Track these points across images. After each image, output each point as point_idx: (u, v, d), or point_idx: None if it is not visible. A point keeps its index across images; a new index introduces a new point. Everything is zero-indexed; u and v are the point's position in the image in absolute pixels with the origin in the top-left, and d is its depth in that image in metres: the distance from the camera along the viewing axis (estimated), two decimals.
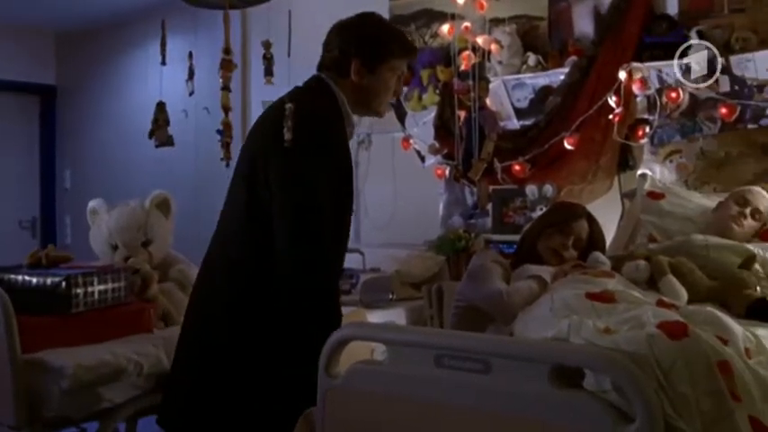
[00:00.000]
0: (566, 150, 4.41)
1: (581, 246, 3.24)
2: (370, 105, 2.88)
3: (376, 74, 2.80)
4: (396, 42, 2.86)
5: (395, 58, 2.84)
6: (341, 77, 2.78)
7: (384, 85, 2.84)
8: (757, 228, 3.47)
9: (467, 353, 2.00)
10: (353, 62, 2.76)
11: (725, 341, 2.37)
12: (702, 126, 4.16)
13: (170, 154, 6.38)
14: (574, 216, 3.28)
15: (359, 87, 2.79)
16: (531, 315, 2.69)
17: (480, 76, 4.54)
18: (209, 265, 2.91)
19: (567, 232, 3.22)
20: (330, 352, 2.27)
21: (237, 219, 2.78)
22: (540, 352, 1.90)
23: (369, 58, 2.78)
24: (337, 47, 2.80)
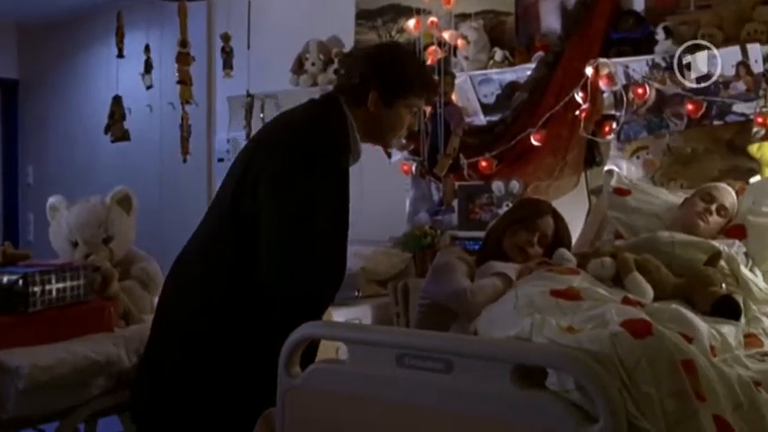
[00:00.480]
0: (532, 146, 4.37)
1: (546, 242, 3.21)
2: (381, 137, 2.90)
3: (393, 108, 2.78)
4: (418, 80, 2.84)
5: (414, 95, 2.83)
6: (356, 105, 2.76)
7: (399, 120, 2.83)
8: (723, 224, 3.44)
9: (428, 352, 1.97)
10: (372, 93, 2.74)
11: (690, 339, 2.36)
12: (669, 122, 4.14)
13: (135, 149, 6.39)
14: (539, 212, 3.25)
15: (373, 118, 2.78)
16: (496, 313, 2.66)
17: (446, 71, 4.50)
18: (185, 267, 2.87)
19: (533, 229, 3.19)
20: (290, 351, 2.23)
21: (222, 223, 2.74)
22: (501, 351, 1.87)
23: (388, 92, 2.76)
24: (358, 75, 2.78)
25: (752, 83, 3.88)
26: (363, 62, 2.83)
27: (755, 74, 3.87)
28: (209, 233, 2.81)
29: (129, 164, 6.72)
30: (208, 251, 2.78)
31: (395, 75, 2.79)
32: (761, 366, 2.44)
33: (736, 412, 1.97)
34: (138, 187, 6.24)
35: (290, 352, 2.23)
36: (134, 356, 3.25)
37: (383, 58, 2.86)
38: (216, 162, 6.31)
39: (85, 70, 7.39)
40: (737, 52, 3.89)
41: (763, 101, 3.85)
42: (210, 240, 2.79)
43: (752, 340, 2.76)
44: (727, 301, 2.81)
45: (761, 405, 2.06)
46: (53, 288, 3.25)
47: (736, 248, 3.26)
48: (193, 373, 2.73)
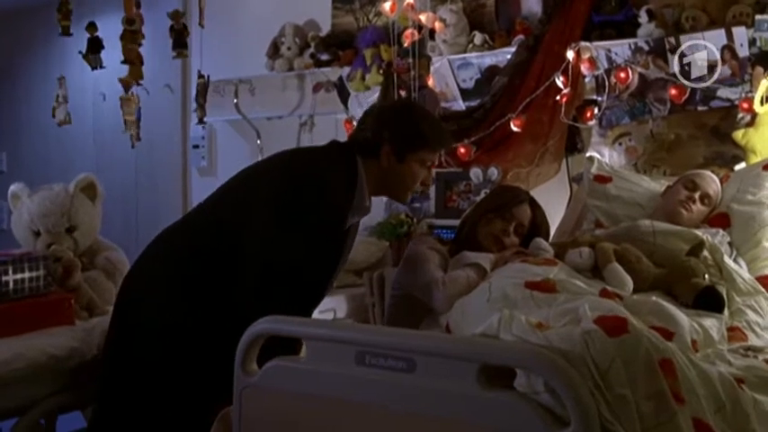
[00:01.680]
0: (512, 132, 4.26)
1: (523, 232, 3.09)
2: (394, 191, 2.93)
3: (405, 163, 2.81)
4: (431, 135, 2.86)
5: (427, 150, 2.85)
6: (368, 158, 2.79)
7: (411, 175, 2.85)
8: (706, 213, 3.36)
9: (389, 350, 1.85)
10: (384, 147, 2.78)
11: (670, 333, 2.26)
12: (652, 108, 4.04)
13: (109, 136, 6.32)
14: (516, 200, 3.13)
15: (385, 173, 2.81)
16: (468, 306, 2.54)
17: (420, 53, 4.36)
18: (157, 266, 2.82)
19: (509, 218, 3.07)
20: (246, 347, 2.12)
21: (203, 235, 2.73)
22: (466, 350, 1.75)
23: (400, 147, 2.79)
24: (371, 129, 2.82)
25: (737, 67, 3.79)
26: (377, 116, 2.87)
27: (741, 58, 3.77)
28: (187, 243, 2.77)
29: (104, 151, 6.61)
30: (184, 261, 2.73)
31: (408, 129, 2.81)
32: (744, 362, 2.33)
33: (718, 414, 1.85)
34: (113, 175, 6.34)
35: (247, 348, 2.11)
36: (96, 350, 3.13)
37: (396, 112, 2.91)
38: (191, 149, 6.15)
39: (56, 57, 7.20)
40: (722, 36, 3.80)
41: (748, 86, 3.75)
42: (187, 249, 2.75)
43: (735, 334, 2.66)
44: (709, 292, 2.70)
45: (744, 404, 1.95)
46: (10, 279, 3.13)
47: (719, 238, 3.17)
48: (159, 369, 2.67)
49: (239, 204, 2.71)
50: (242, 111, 5.40)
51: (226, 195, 2.82)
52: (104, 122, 6.49)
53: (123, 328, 2.80)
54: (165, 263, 2.79)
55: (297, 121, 5.49)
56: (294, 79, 5.35)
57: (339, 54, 5.13)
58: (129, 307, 2.80)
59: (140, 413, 2.69)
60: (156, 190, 6.44)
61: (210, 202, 2.85)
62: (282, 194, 2.64)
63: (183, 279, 2.71)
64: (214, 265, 2.67)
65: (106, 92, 6.40)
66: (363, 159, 2.79)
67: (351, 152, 2.81)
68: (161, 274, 2.77)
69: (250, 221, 2.63)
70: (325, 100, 5.16)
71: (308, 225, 2.59)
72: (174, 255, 2.78)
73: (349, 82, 4.98)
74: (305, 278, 2.64)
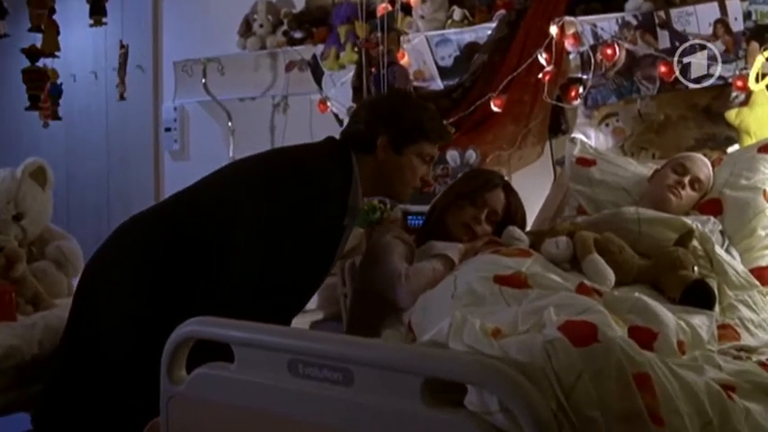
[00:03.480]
0: (492, 113, 4.04)
1: (496, 219, 2.86)
2: (392, 188, 2.74)
3: (403, 156, 2.64)
4: (430, 125, 2.70)
5: (427, 141, 2.68)
6: (363, 153, 2.61)
7: (410, 169, 2.67)
8: (697, 199, 3.15)
9: (324, 359, 1.60)
10: (380, 138, 2.60)
11: (654, 334, 2.06)
12: (640, 86, 3.84)
13: (81, 120, 6.26)
14: (488, 185, 2.89)
15: (381, 167, 2.64)
16: (431, 301, 2.34)
17: (390, 26, 4.12)
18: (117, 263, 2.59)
19: (481, 204, 2.84)
20: (172, 353, 1.88)
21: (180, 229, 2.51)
22: (409, 361, 1.50)
23: (398, 137, 2.62)
24: (365, 121, 2.66)
25: (731, 43, 3.59)
26: (371, 107, 2.73)
27: (735, 33, 3.57)
28: (159, 234, 2.55)
29: (75, 135, 6.44)
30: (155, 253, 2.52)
31: (406, 120, 2.65)
32: (736, 366, 2.09)
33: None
34: (84, 159, 6.20)
35: (173, 353, 1.87)
36: (37, 348, 2.91)
37: (393, 102, 2.77)
38: (163, 132, 5.94)
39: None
40: (715, 9, 3.59)
41: (743, 62, 3.54)
42: (160, 241, 2.53)
43: (727, 332, 2.45)
44: (699, 286, 2.48)
45: (734, 418, 1.70)
46: None
47: (710, 226, 2.95)
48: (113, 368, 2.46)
49: (226, 203, 2.50)
50: (211, 92, 5.22)
51: (210, 190, 2.61)
52: (74, 105, 6.27)
53: (81, 320, 2.57)
54: (133, 252, 2.57)
55: (270, 102, 5.29)
56: (267, 58, 5.17)
57: (313, 31, 4.93)
58: (89, 298, 2.57)
59: (89, 414, 2.48)
60: (128, 175, 6.28)
61: (191, 194, 2.64)
62: (275, 201, 2.44)
63: (153, 270, 2.49)
64: (188, 259, 2.46)
65: (77, 73, 6.31)
66: (357, 155, 2.60)
67: (344, 149, 2.62)
68: (128, 264, 2.54)
69: (237, 224, 2.43)
70: (298, 80, 4.99)
71: (301, 235, 2.42)
72: (144, 245, 2.56)
73: (323, 61, 4.78)
74: (293, 290, 2.47)
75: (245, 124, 5.30)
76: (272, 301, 2.39)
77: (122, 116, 6.10)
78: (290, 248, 2.39)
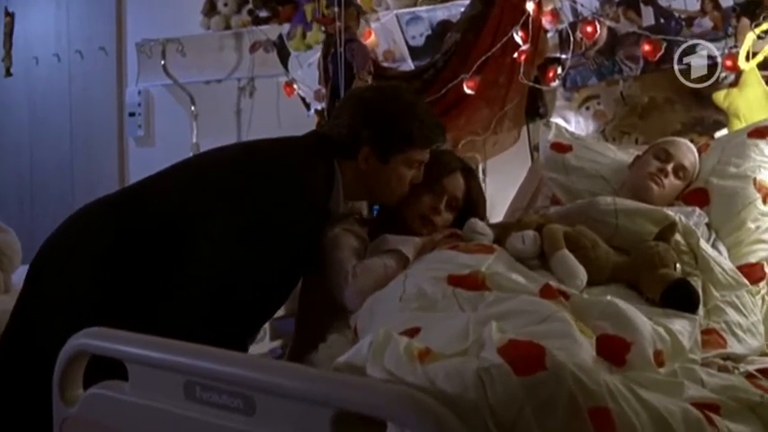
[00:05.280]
0: (465, 95, 3.88)
1: (457, 206, 2.61)
2: (377, 196, 2.57)
3: (390, 165, 2.43)
4: (419, 131, 2.44)
5: (414, 149, 2.44)
6: (346, 158, 2.40)
7: (397, 178, 2.46)
8: (681, 188, 2.93)
9: (224, 383, 1.34)
10: (363, 149, 2.39)
11: (627, 344, 1.81)
12: (622, 66, 3.69)
13: (44, 102, 6.11)
14: (446, 170, 2.63)
15: (365, 176, 2.43)
16: (378, 304, 2.10)
17: (348, 1, 3.87)
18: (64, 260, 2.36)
19: (439, 191, 2.57)
20: (63, 369, 1.61)
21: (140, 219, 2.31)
22: (317, 390, 1.23)
23: (383, 147, 2.40)
24: (347, 125, 2.41)
25: (719, 19, 3.44)
26: (353, 109, 2.46)
27: (724, 8, 3.41)
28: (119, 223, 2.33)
29: (39, 120, 6.24)
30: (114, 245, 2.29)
31: (390, 126, 2.41)
32: (721, 381, 1.84)
33: None
34: (48, 144, 6.00)
35: (64, 369, 1.61)
36: None
37: (378, 105, 2.46)
38: (127, 117, 5.70)
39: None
40: None
41: (732, 40, 3.39)
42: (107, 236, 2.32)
43: (712, 338, 2.23)
44: (680, 286, 2.23)
45: None
46: None
47: (696, 218, 2.72)
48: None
49: (193, 197, 2.30)
50: (172, 74, 4.98)
51: (175, 182, 2.39)
52: (38, 88, 6.17)
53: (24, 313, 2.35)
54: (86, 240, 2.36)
55: (236, 84, 5.05)
56: (231, 39, 4.96)
57: (279, 10, 4.69)
58: (36, 287, 2.36)
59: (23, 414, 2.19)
60: (92, 161, 6.07)
61: (152, 184, 2.43)
62: (251, 203, 2.24)
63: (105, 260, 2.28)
64: (143, 251, 2.25)
65: (39, 56, 6.14)
66: (340, 160, 2.39)
67: (327, 150, 2.39)
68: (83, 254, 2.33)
69: (206, 223, 2.22)
70: (264, 61, 4.78)
71: (277, 241, 2.23)
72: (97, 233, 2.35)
73: (289, 41, 4.55)
74: (265, 296, 2.29)
75: (211, 108, 5.07)
76: (241, 303, 2.20)
77: (86, 101, 5.91)
78: (261, 251, 2.19)
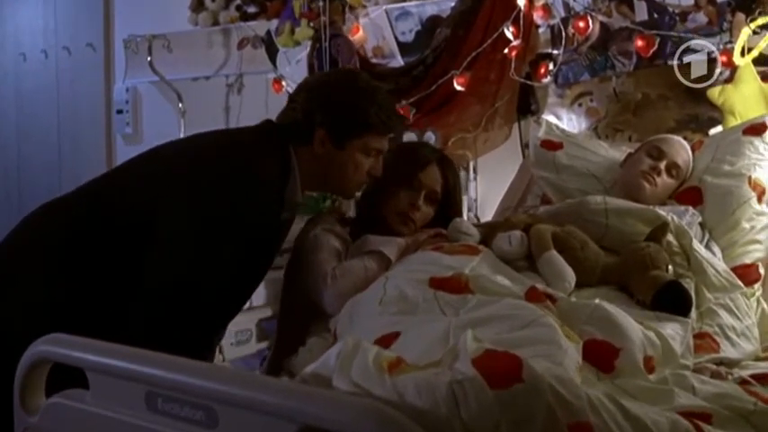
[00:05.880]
0: (455, 92, 3.84)
1: (436, 198, 2.54)
2: (333, 184, 2.45)
3: (345, 151, 2.33)
4: (376, 115, 2.34)
5: (371, 134, 2.35)
6: (301, 144, 2.30)
7: (353, 165, 2.36)
8: (674, 187, 2.86)
9: (185, 394, 1.26)
10: (318, 132, 2.29)
11: (616, 350, 1.76)
12: (615, 62, 3.62)
13: (32, 99, 6.04)
14: (420, 163, 2.57)
15: (320, 163, 2.33)
16: (358, 307, 2.04)
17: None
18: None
19: (416, 186, 2.50)
20: (24, 376, 1.53)
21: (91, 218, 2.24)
22: (279, 403, 1.15)
23: (338, 130, 2.30)
24: (302, 108, 2.32)
25: (714, 14, 3.38)
26: (309, 93, 2.37)
27: (719, 3, 3.35)
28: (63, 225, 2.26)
29: (27, 116, 6.15)
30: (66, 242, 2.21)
31: (346, 110, 2.33)
32: (713, 388, 1.76)
33: None
34: (36, 141, 5.96)
35: (25, 376, 1.54)
36: None
37: (334, 87, 2.39)
38: (115, 114, 5.61)
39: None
40: None
41: (727, 35, 3.33)
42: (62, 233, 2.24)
43: (704, 342, 2.17)
44: (672, 289, 2.17)
45: None
46: None
47: (689, 218, 2.66)
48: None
49: (144, 192, 2.20)
50: (158, 71, 4.89)
51: (126, 178, 2.31)
52: (26, 85, 6.10)
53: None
54: (42, 243, 2.26)
55: (224, 81, 4.97)
56: (219, 35, 4.87)
57: (267, 5, 4.60)
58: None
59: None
60: (79, 158, 6.00)
61: (105, 182, 2.36)
62: (203, 194, 2.13)
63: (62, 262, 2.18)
64: (98, 249, 2.17)
65: (27, 52, 6.06)
66: (295, 146, 2.29)
67: (282, 137, 2.30)
68: (37, 255, 2.23)
69: (158, 218, 2.12)
70: (253, 57, 4.69)
71: (233, 232, 2.11)
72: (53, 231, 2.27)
73: (277, 37, 4.45)
74: (226, 290, 2.17)
75: (199, 105, 4.98)
76: (203, 302, 2.10)
77: (74, 97, 5.82)
78: (220, 246, 2.10)
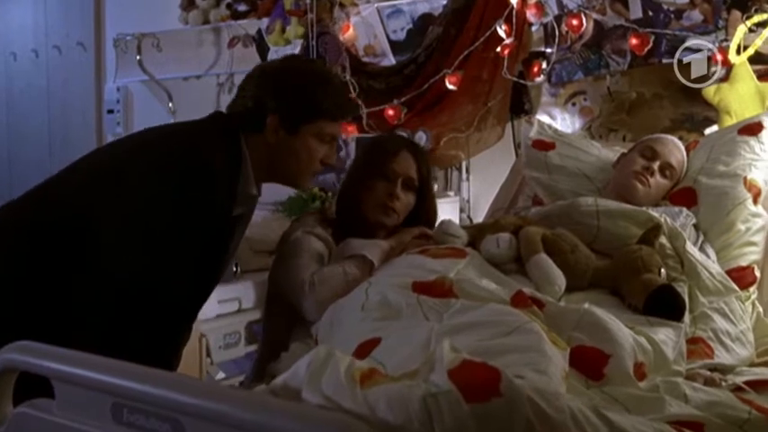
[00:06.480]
0: (448, 91, 3.82)
1: (413, 185, 2.49)
2: (286, 173, 2.34)
3: (298, 137, 2.27)
4: (328, 99, 2.31)
5: (325, 119, 2.30)
6: (252, 133, 2.23)
7: (307, 151, 2.29)
8: (668, 187, 2.78)
9: (151, 405, 1.20)
10: (270, 118, 2.23)
11: (606, 357, 1.70)
12: (609, 61, 3.61)
13: (22, 99, 6.04)
14: (391, 152, 2.53)
15: (273, 150, 2.26)
16: (339, 313, 1.98)
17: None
18: None
19: (391, 176, 2.46)
20: None
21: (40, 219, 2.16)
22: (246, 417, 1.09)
23: (290, 116, 2.25)
24: (252, 96, 2.26)
25: (710, 11, 3.37)
26: (259, 80, 2.31)
27: (714, 0, 3.34)
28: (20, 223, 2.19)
29: (17, 116, 6.14)
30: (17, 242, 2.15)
31: (298, 94, 2.27)
32: (705, 396, 1.70)
33: None
34: (26, 141, 5.97)
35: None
36: None
37: (285, 73, 2.34)
38: (105, 114, 5.59)
39: None
40: None
41: (723, 33, 3.33)
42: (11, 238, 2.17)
43: (698, 348, 2.09)
44: (665, 293, 2.09)
45: None
46: None
47: (683, 219, 2.59)
48: None
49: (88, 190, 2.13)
50: (148, 70, 4.88)
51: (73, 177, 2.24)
52: (17, 84, 6.08)
53: None
54: None
55: (215, 80, 4.93)
56: (209, 33, 4.86)
57: (258, 4, 4.57)
58: None
59: None
60: (70, 158, 5.68)
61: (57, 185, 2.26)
62: (148, 190, 2.07)
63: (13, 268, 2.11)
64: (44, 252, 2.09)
65: (17, 51, 6.04)
66: (247, 136, 2.23)
67: (232, 127, 2.24)
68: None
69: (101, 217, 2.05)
70: (244, 56, 4.64)
71: (180, 229, 2.06)
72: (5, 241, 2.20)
73: (268, 35, 4.43)
74: (177, 291, 2.10)
75: (190, 104, 4.92)
76: (159, 302, 2.04)
77: (64, 97, 5.81)
78: (167, 245, 2.03)
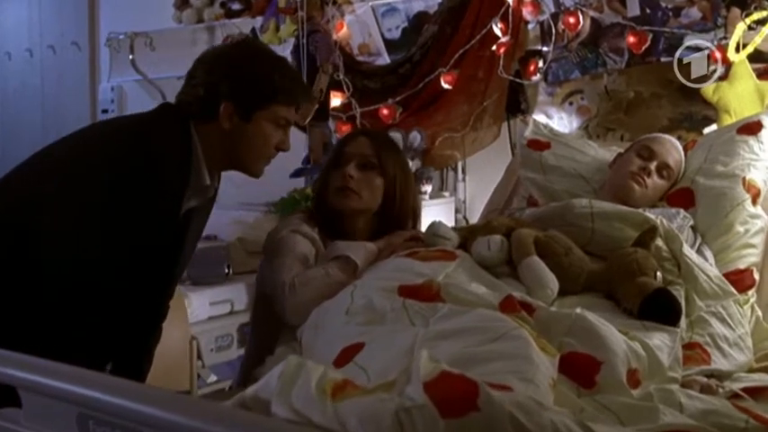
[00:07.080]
0: (443, 90, 3.85)
1: (369, 163, 2.43)
2: (241, 161, 2.28)
3: (253, 122, 2.21)
4: (282, 83, 2.25)
5: (280, 104, 2.24)
6: (204, 122, 2.18)
7: (262, 137, 2.23)
8: (665, 188, 2.73)
9: (117, 417, 1.15)
10: (223, 105, 2.17)
11: (598, 364, 1.64)
12: (606, 59, 3.61)
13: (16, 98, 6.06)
14: (346, 139, 2.57)
15: (228, 138, 2.20)
16: (323, 318, 1.92)
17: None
18: None
19: (345, 159, 2.43)
20: None
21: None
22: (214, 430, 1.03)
23: (244, 101, 2.19)
24: (203, 83, 2.19)
25: (708, 9, 3.38)
26: (209, 64, 2.24)
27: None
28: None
29: (11, 116, 6.14)
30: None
31: (252, 78, 2.21)
32: (701, 404, 1.64)
33: None
34: (21, 142, 5.88)
35: None
36: None
37: (234, 58, 2.28)
38: (100, 113, 5.59)
39: None
40: None
41: (722, 31, 3.32)
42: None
43: (695, 353, 2.03)
44: (661, 297, 2.03)
45: None
46: None
47: (680, 221, 2.53)
48: None
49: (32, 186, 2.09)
50: (141, 69, 4.87)
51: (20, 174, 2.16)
52: (11, 84, 6.09)
53: None
54: None
55: None
56: (203, 32, 4.86)
57: (252, 2, 4.57)
58: None
59: None
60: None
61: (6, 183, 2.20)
62: (92, 185, 2.01)
63: None
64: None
65: (12, 51, 6.06)
66: (198, 125, 2.17)
67: (181, 117, 2.18)
68: None
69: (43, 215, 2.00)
70: None
71: (128, 225, 2.00)
72: None
73: (262, 34, 4.43)
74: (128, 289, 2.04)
75: None
76: (112, 299, 2.00)
77: (59, 96, 5.82)
78: (111, 236, 1.98)
